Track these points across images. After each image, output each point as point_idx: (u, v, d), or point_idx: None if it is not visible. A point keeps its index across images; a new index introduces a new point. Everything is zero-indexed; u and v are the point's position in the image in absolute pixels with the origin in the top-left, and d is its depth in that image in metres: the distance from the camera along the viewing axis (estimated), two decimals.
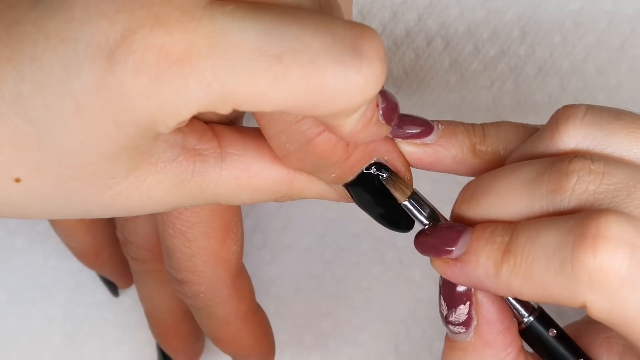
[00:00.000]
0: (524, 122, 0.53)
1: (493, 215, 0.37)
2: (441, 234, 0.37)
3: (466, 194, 0.38)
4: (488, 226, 0.37)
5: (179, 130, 0.36)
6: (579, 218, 0.35)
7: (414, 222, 0.40)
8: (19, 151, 0.33)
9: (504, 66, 0.55)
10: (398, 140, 0.39)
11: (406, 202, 0.39)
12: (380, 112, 0.36)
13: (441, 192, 0.53)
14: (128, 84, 0.31)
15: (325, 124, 0.35)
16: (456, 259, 0.37)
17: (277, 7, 0.32)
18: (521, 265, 0.35)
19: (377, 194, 0.39)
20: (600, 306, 0.35)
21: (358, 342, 0.53)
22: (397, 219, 0.40)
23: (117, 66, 0.31)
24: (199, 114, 0.37)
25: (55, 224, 0.51)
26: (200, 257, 0.43)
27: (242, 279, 0.45)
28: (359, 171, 0.38)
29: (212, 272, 0.43)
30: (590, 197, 0.36)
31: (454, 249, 0.37)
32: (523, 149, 0.39)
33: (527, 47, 0.55)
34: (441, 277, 0.38)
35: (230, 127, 0.38)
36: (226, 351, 0.47)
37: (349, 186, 0.39)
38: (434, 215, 0.39)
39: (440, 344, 0.52)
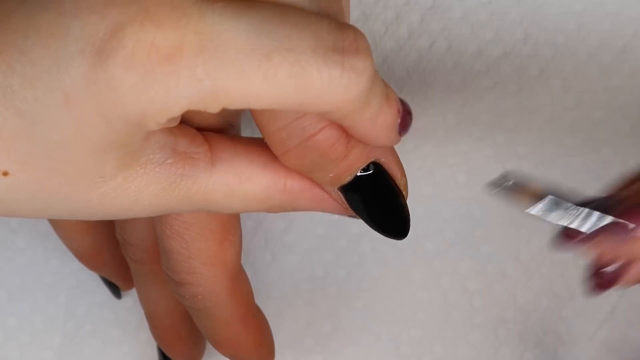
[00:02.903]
0: (528, 123, 0.54)
1: None
2: (616, 223, 0.37)
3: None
4: None
5: (169, 132, 0.36)
6: None
7: (407, 229, 0.40)
8: (7, 144, 0.33)
9: (506, 67, 0.55)
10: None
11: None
12: (399, 120, 0.36)
13: (442, 193, 0.54)
14: (118, 79, 0.31)
15: (340, 122, 0.35)
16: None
17: (267, 6, 0.32)
18: None
19: (372, 198, 0.39)
20: None
21: (359, 344, 0.53)
22: (390, 225, 0.40)
23: (107, 61, 0.31)
24: (194, 118, 0.37)
25: (56, 225, 0.51)
26: (197, 258, 0.43)
27: (240, 280, 0.45)
28: (357, 171, 0.38)
29: (210, 273, 0.43)
30: None
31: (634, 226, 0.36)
32: None
33: (530, 49, 0.55)
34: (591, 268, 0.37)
35: (221, 135, 0.38)
36: (225, 353, 0.47)
37: (344, 189, 0.39)
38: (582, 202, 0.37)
39: (440, 346, 0.52)
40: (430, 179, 0.54)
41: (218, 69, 0.31)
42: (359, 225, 0.53)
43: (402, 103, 0.37)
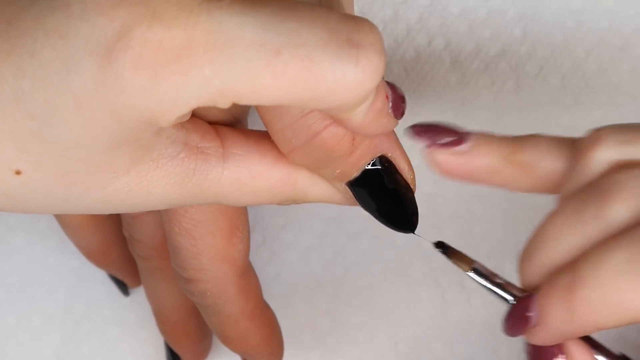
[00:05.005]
0: (526, 121, 0.54)
1: (558, 258, 0.37)
2: (516, 311, 0.38)
3: (526, 252, 0.38)
4: (548, 277, 0.37)
5: (181, 126, 0.36)
6: None
7: (416, 222, 0.40)
8: (20, 145, 0.33)
9: (505, 65, 0.55)
10: (432, 150, 0.39)
11: (470, 273, 0.40)
12: (390, 104, 0.36)
13: (442, 191, 0.54)
14: (127, 80, 0.31)
15: (334, 117, 0.35)
16: (536, 324, 0.37)
17: (274, 1, 0.32)
18: (594, 293, 0.35)
19: (379, 193, 0.39)
20: None
21: (357, 341, 0.53)
22: (399, 219, 0.40)
23: (116, 62, 0.31)
24: (203, 113, 0.37)
25: (64, 223, 0.51)
26: (206, 255, 0.43)
27: (248, 277, 0.45)
28: (363, 167, 0.38)
29: (218, 270, 0.43)
30: None
31: (531, 315, 0.37)
32: (565, 190, 0.38)
33: (528, 47, 0.55)
34: (526, 346, 0.38)
35: (234, 128, 0.38)
36: (234, 350, 0.47)
37: (351, 184, 0.39)
38: (498, 281, 0.39)
39: (439, 344, 0.52)
40: (429, 177, 0.54)
41: (225, 67, 0.31)
42: (358, 223, 0.54)
43: (391, 87, 0.36)
